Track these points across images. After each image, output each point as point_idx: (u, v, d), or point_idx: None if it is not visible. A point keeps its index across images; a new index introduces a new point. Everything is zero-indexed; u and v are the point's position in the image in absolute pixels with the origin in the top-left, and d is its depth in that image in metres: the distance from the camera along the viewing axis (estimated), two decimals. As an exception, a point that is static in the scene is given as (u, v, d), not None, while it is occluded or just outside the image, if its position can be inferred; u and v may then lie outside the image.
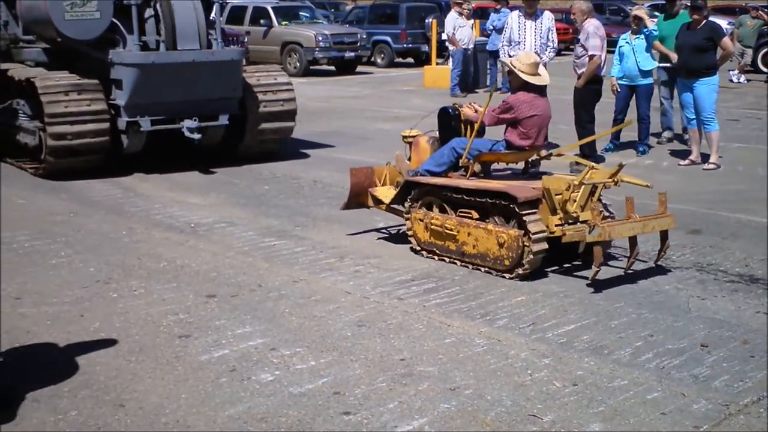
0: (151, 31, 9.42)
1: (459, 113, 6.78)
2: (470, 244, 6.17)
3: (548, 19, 10.40)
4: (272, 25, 22.75)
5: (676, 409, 4.06)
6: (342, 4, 37.74)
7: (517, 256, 5.87)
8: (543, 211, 5.94)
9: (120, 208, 8.05)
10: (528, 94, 6.42)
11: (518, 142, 6.42)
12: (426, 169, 6.59)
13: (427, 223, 6.43)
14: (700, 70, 9.73)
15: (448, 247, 6.33)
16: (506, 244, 5.92)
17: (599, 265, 5.73)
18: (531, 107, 6.37)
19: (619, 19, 31.56)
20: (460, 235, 6.22)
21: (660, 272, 6.14)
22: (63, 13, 8.80)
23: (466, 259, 6.24)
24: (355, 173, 6.99)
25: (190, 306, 5.43)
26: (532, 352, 4.71)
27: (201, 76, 9.33)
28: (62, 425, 3.88)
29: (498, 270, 6.04)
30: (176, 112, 9.42)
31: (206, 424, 3.91)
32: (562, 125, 10.83)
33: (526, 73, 6.41)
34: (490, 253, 6.05)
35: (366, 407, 4.07)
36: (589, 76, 9.64)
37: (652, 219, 6.07)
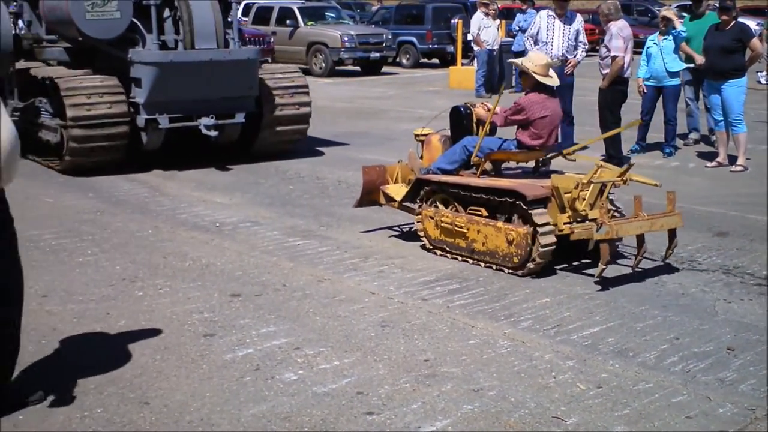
0: (169, 30, 9.63)
1: (471, 112, 6.89)
2: (480, 241, 6.23)
3: (578, 21, 10.34)
4: (298, 26, 22.81)
5: (701, 413, 4.03)
6: (368, 5, 37.80)
7: (525, 253, 5.94)
8: (552, 209, 6.00)
9: (146, 207, 8.11)
10: (540, 95, 6.48)
11: (530, 143, 6.48)
12: (438, 167, 6.66)
13: (437, 220, 6.49)
14: (728, 71, 9.64)
15: (458, 245, 6.40)
16: (515, 241, 5.98)
17: (606, 263, 5.78)
18: (543, 108, 6.43)
19: (646, 20, 31.36)
20: (470, 232, 6.29)
21: (686, 275, 6.10)
22: (84, 13, 9.00)
23: (475, 256, 6.31)
24: (368, 171, 7.07)
25: (215, 305, 5.46)
26: (556, 354, 4.70)
27: (218, 75, 9.47)
28: (88, 422, 3.91)
29: (507, 267, 6.10)
30: (194, 110, 9.58)
31: (230, 422, 3.92)
32: (588, 126, 10.76)
33: (539, 74, 6.46)
34: (499, 250, 6.12)
35: (389, 407, 4.07)
36: (613, 77, 9.59)
37: (660, 217, 6.11)
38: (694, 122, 11.67)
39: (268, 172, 9.81)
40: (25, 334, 4.87)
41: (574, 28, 10.22)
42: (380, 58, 23.05)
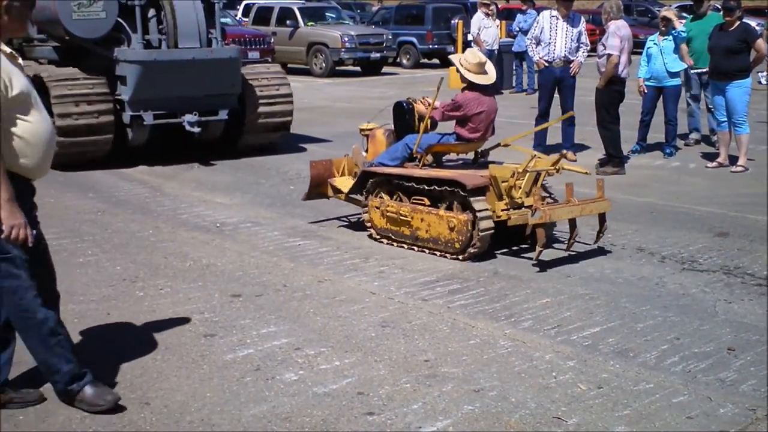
0: (154, 30, 9.96)
1: (412, 107, 7.24)
2: (423, 229, 6.58)
3: (580, 21, 10.30)
4: (298, 26, 22.81)
5: (702, 413, 4.02)
6: (368, 5, 37.81)
7: (466, 239, 6.32)
8: (490, 197, 6.40)
9: (146, 208, 8.11)
10: (474, 92, 6.87)
11: (468, 136, 6.89)
12: (380, 162, 6.99)
13: (383, 210, 6.82)
14: (732, 72, 9.62)
15: (402, 233, 6.75)
16: (456, 227, 6.35)
17: (543, 245, 6.14)
18: (479, 104, 6.82)
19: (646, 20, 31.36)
20: (413, 221, 6.63)
21: (687, 275, 6.10)
22: (71, 13, 9.28)
23: (419, 243, 6.65)
24: (315, 165, 7.36)
25: (216, 305, 5.46)
26: (556, 355, 4.69)
27: (201, 73, 9.79)
28: (88, 422, 3.91)
29: (450, 252, 6.46)
30: (178, 107, 9.89)
31: (231, 423, 3.92)
32: (590, 127, 10.76)
33: (471, 72, 6.84)
34: (441, 237, 6.48)
35: (390, 408, 4.07)
36: (608, 75, 9.58)
37: (590, 203, 6.52)
38: (695, 122, 11.67)
39: (269, 173, 9.82)
40: (25, 334, 4.90)
41: (577, 29, 10.20)
42: (380, 59, 23.06)
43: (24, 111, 3.74)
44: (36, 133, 3.79)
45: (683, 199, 8.41)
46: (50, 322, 3.86)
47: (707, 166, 10.03)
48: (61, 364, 3.91)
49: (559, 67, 10.20)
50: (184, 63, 9.70)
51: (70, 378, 3.94)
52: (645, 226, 7.43)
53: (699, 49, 10.90)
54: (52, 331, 3.87)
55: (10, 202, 3.61)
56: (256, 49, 20.50)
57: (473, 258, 6.36)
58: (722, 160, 10.00)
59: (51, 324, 3.86)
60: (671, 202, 8.31)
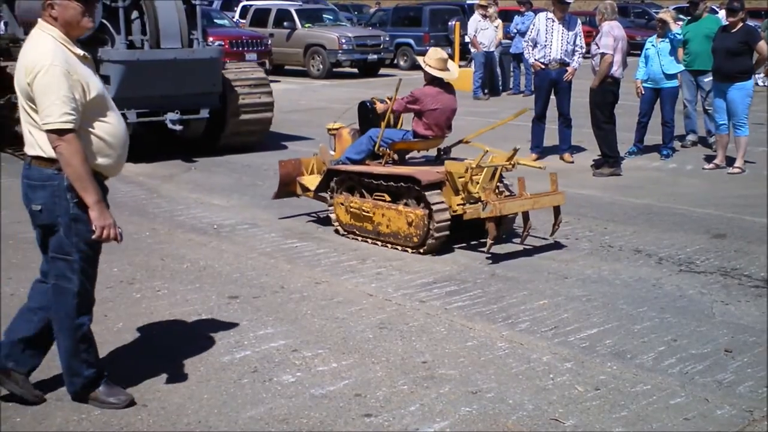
0: (137, 31, 10.23)
1: (375, 107, 7.44)
2: (384, 224, 6.80)
3: (576, 23, 10.28)
4: (295, 28, 22.81)
5: (699, 415, 4.03)
6: (365, 7, 37.82)
7: (423, 233, 6.52)
8: (447, 192, 6.60)
9: (143, 209, 8.10)
10: (434, 89, 7.05)
11: (423, 132, 7.09)
12: (347, 156, 7.21)
13: (347, 206, 7.04)
14: (734, 74, 9.61)
15: (365, 228, 6.96)
16: (414, 222, 6.55)
17: (493, 238, 6.33)
18: (434, 101, 7.00)
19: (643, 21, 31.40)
20: (375, 216, 6.85)
21: (684, 277, 6.10)
22: None
23: (381, 238, 6.87)
24: (284, 164, 7.62)
25: (213, 307, 5.46)
26: (554, 356, 4.70)
27: (182, 73, 10.09)
28: (85, 425, 3.91)
29: (409, 246, 6.66)
30: (160, 105, 10.21)
31: (228, 424, 3.92)
32: (586, 129, 10.77)
33: (434, 68, 7.03)
34: (401, 231, 6.70)
35: (387, 410, 4.07)
36: (602, 75, 9.59)
37: (543, 196, 6.71)
38: (691, 124, 11.68)
39: (266, 174, 9.81)
40: (22, 336, 4.89)
41: (573, 32, 10.18)
42: (377, 60, 23.06)
43: (102, 112, 3.85)
44: (114, 134, 3.90)
45: (680, 200, 8.42)
46: (84, 329, 3.95)
47: (704, 168, 10.04)
48: (83, 370, 4.00)
49: (555, 69, 10.20)
50: (166, 63, 9.99)
51: (88, 383, 4.03)
52: (642, 227, 7.44)
53: (696, 50, 10.92)
54: (84, 338, 3.96)
55: (99, 203, 3.73)
56: (254, 51, 20.50)
57: (432, 252, 6.57)
58: (719, 162, 10.01)
59: (85, 330, 3.96)
60: (668, 203, 8.31)
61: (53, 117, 3.59)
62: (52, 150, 3.66)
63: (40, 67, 3.62)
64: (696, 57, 11.00)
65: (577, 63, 10.24)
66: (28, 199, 3.84)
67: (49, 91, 3.60)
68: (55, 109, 3.58)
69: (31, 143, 3.79)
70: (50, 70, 3.61)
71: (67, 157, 3.63)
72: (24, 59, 3.73)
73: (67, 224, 3.77)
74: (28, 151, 3.83)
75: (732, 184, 9.29)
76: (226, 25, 22.31)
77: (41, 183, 3.77)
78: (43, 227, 3.84)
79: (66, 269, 3.84)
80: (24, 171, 3.87)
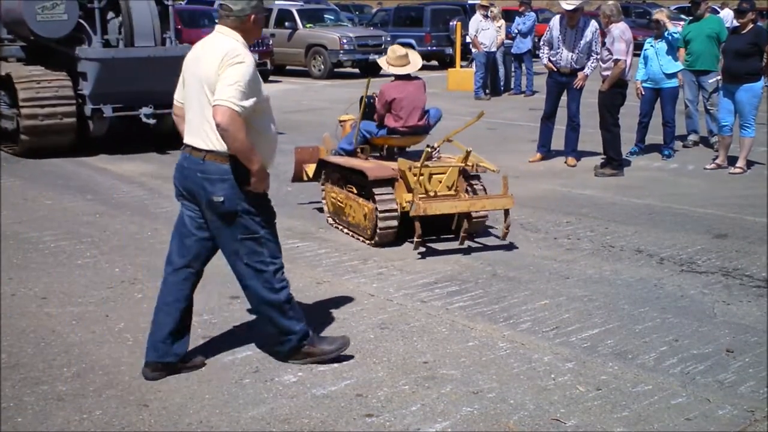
0: (113, 30, 10.91)
1: (374, 101, 7.58)
2: (351, 215, 7.10)
3: (591, 31, 9.99)
4: (297, 28, 22.82)
5: (701, 415, 4.03)
6: (367, 7, 37.82)
7: (373, 226, 6.74)
8: (399, 188, 6.78)
9: (145, 209, 8.11)
10: (397, 82, 7.29)
11: (393, 124, 7.23)
12: (340, 147, 7.53)
13: (332, 195, 7.41)
14: (743, 75, 9.59)
15: (342, 218, 7.29)
16: (368, 215, 6.81)
17: (419, 237, 6.43)
18: (398, 91, 7.20)
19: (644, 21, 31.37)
20: (346, 207, 7.16)
21: (685, 277, 6.10)
22: (35, 15, 10.24)
23: (351, 229, 7.15)
24: (300, 151, 7.93)
25: (214, 307, 5.46)
26: (555, 356, 4.70)
27: (156, 70, 10.42)
28: (87, 424, 3.91)
29: (366, 238, 6.91)
30: (135, 100, 10.79)
31: (229, 424, 3.92)
32: (590, 129, 10.77)
33: (392, 65, 7.33)
34: (361, 223, 6.96)
35: (388, 410, 4.07)
36: (614, 80, 9.57)
37: (484, 199, 6.75)
38: (693, 124, 11.68)
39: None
40: (24, 336, 4.92)
41: (587, 38, 9.97)
42: (379, 60, 23.02)
43: (269, 112, 4.30)
44: (272, 132, 4.36)
45: (682, 200, 8.42)
46: (285, 289, 4.41)
47: (705, 168, 10.03)
48: (294, 325, 4.45)
49: (566, 73, 10.12)
50: (140, 60, 10.56)
51: (301, 336, 4.48)
52: (644, 227, 7.43)
53: (697, 50, 10.93)
54: (287, 297, 4.42)
55: (260, 172, 4.18)
56: (255, 51, 20.47)
57: (381, 245, 6.77)
58: (720, 162, 10.01)
59: (286, 290, 4.42)
60: (670, 203, 8.31)
61: (231, 96, 3.94)
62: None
63: (237, 59, 4.03)
64: (698, 57, 11.00)
65: (590, 69, 10.05)
66: (206, 192, 4.16)
67: (239, 78, 3.98)
68: (235, 91, 3.95)
69: (204, 138, 4.14)
70: (245, 65, 4.03)
71: (233, 132, 3.96)
72: (212, 53, 4.09)
73: (246, 209, 4.21)
74: (200, 145, 4.16)
75: (733, 184, 9.28)
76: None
77: (220, 177, 4.13)
78: (223, 215, 4.20)
79: (255, 246, 4.28)
80: (195, 165, 4.18)
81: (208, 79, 4.05)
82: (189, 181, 4.23)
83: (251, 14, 4.21)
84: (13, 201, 8.31)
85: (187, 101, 4.29)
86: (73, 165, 10.38)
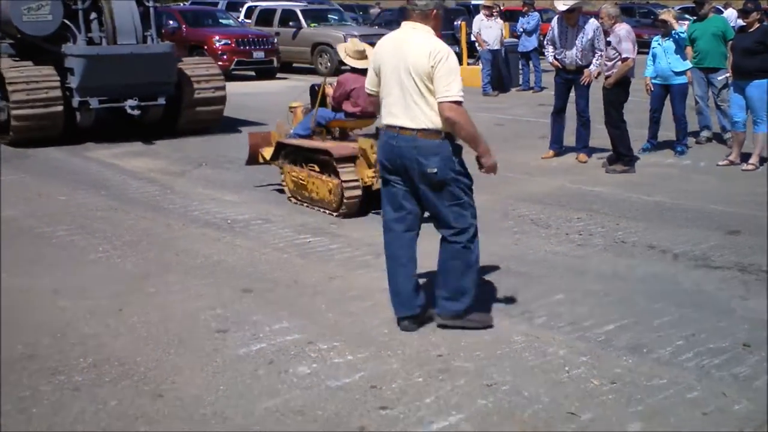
0: (96, 29, 11.53)
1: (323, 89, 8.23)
2: (314, 191, 7.76)
3: (592, 29, 9.92)
4: (301, 27, 22.85)
5: (716, 409, 4.01)
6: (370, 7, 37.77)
7: (338, 199, 7.46)
8: (360, 165, 7.46)
9: (158, 205, 8.12)
10: (353, 74, 7.91)
11: (350, 110, 7.99)
12: (295, 132, 8.23)
13: (291, 175, 8.01)
14: (753, 72, 9.57)
15: (303, 194, 7.94)
16: (332, 190, 7.49)
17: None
18: (355, 81, 7.80)
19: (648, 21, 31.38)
20: (308, 184, 7.81)
21: (701, 272, 6.07)
22: (21, 15, 10.93)
23: (315, 204, 7.79)
24: (253, 136, 8.69)
25: (227, 301, 5.46)
26: (570, 350, 4.68)
27: (138, 65, 11.28)
28: (102, 415, 3.91)
29: (331, 210, 7.59)
30: (120, 93, 11.45)
31: (244, 416, 3.92)
32: (597, 123, 10.73)
33: (350, 58, 7.91)
34: (325, 198, 7.62)
35: (402, 402, 4.07)
36: (620, 77, 9.54)
37: None
38: (705, 120, 11.63)
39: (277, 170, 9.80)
40: (39, 328, 4.94)
41: (588, 35, 9.97)
42: (385, 59, 22.99)
43: None
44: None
45: (693, 197, 8.38)
46: (478, 253, 4.96)
47: (718, 164, 9.98)
48: (471, 290, 4.94)
49: (572, 71, 10.11)
50: (122, 56, 11.24)
51: (471, 302, 4.94)
52: (655, 224, 7.40)
53: (704, 49, 10.92)
54: (477, 260, 4.97)
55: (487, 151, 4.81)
56: (261, 50, 20.57)
57: (345, 216, 7.44)
58: (733, 158, 9.96)
59: (479, 254, 4.97)
60: (681, 200, 8.28)
61: (454, 91, 4.61)
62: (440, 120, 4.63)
63: (444, 53, 4.60)
64: (705, 55, 10.98)
65: (595, 66, 9.99)
66: (420, 164, 4.68)
67: (452, 72, 4.62)
68: (456, 86, 4.61)
69: (417, 118, 4.67)
70: (450, 56, 4.63)
71: (462, 123, 4.64)
72: (421, 48, 4.62)
73: (454, 178, 4.74)
74: (409, 125, 4.69)
75: (746, 180, 9.23)
76: (232, 25, 22.37)
77: (432, 151, 4.67)
78: (435, 184, 4.72)
79: (461, 210, 4.81)
80: (407, 142, 4.69)
81: (418, 68, 4.60)
82: (400, 156, 4.74)
83: (434, 9, 4.75)
84: (27, 196, 8.33)
85: (386, 88, 4.81)
86: (83, 161, 10.42)
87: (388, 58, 4.78)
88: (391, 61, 4.74)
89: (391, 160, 4.80)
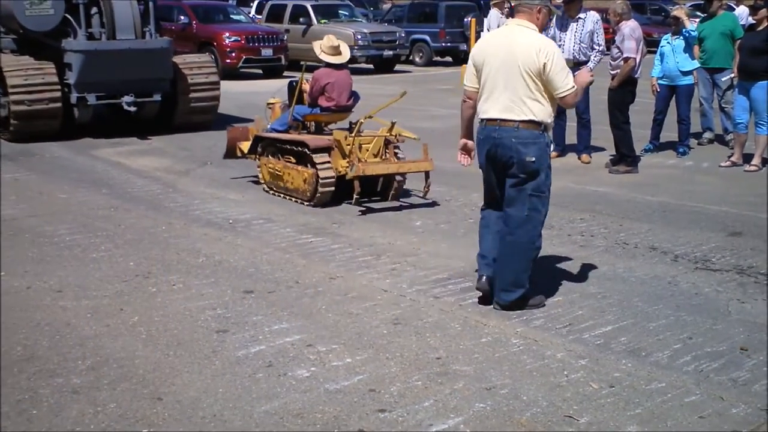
0: (96, 24, 11.63)
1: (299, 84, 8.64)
2: (290, 181, 8.15)
3: (592, 21, 9.91)
4: (311, 24, 22.81)
5: (714, 413, 4.01)
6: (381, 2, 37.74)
7: (313, 188, 7.85)
8: (335, 156, 7.86)
9: (159, 204, 8.14)
10: (327, 69, 8.41)
11: (325, 104, 8.41)
12: (272, 128, 8.63)
13: (268, 166, 8.43)
14: (758, 72, 9.52)
15: (279, 185, 8.33)
16: (307, 180, 7.88)
17: (358, 194, 7.64)
18: (329, 76, 8.36)
19: (660, 18, 31.24)
20: (284, 175, 8.21)
21: (700, 275, 6.08)
22: (24, 10, 11.10)
23: (290, 194, 8.18)
24: (232, 131, 9.21)
25: (228, 301, 5.48)
26: (568, 353, 4.69)
27: (136, 61, 11.45)
28: (101, 417, 3.93)
29: (306, 200, 7.97)
30: (117, 89, 11.58)
31: (242, 419, 3.94)
32: (601, 125, 10.72)
33: (324, 53, 8.39)
34: (300, 188, 8.00)
35: (401, 405, 4.08)
36: (623, 78, 9.52)
37: (410, 162, 8.16)
38: (707, 122, 11.61)
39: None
40: (39, 329, 4.96)
41: (587, 29, 9.95)
42: (393, 56, 23.02)
43: None
44: None
45: (696, 198, 8.38)
46: (539, 249, 5.35)
47: (720, 165, 9.97)
48: (526, 282, 5.26)
49: (570, 67, 10.05)
50: (121, 52, 11.38)
51: (523, 293, 5.26)
52: (658, 225, 7.41)
53: (712, 48, 10.85)
54: (535, 257, 5.34)
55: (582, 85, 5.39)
56: (270, 46, 20.53)
57: (320, 204, 7.85)
58: (735, 159, 9.95)
59: (539, 250, 5.36)
60: (684, 201, 8.28)
61: (571, 83, 5.06)
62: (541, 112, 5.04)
63: (552, 50, 5.02)
64: (712, 55, 10.92)
65: (594, 63, 9.88)
66: (520, 153, 5.03)
67: (564, 67, 5.06)
68: (570, 77, 5.07)
69: (520, 111, 5.04)
70: (557, 52, 5.05)
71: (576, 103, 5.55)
72: (525, 44, 5.02)
73: (546, 171, 5.12)
74: (512, 117, 5.05)
75: (748, 181, 9.22)
76: (242, 20, 22.33)
77: (533, 141, 5.04)
78: (530, 173, 5.07)
79: (538, 203, 5.16)
80: (509, 133, 5.05)
81: (528, 64, 4.97)
82: (501, 146, 5.08)
83: (539, 7, 5.13)
84: (29, 194, 8.35)
85: (490, 83, 5.13)
86: (89, 159, 10.44)
87: (494, 54, 5.12)
88: (498, 58, 5.09)
89: (490, 151, 5.15)
